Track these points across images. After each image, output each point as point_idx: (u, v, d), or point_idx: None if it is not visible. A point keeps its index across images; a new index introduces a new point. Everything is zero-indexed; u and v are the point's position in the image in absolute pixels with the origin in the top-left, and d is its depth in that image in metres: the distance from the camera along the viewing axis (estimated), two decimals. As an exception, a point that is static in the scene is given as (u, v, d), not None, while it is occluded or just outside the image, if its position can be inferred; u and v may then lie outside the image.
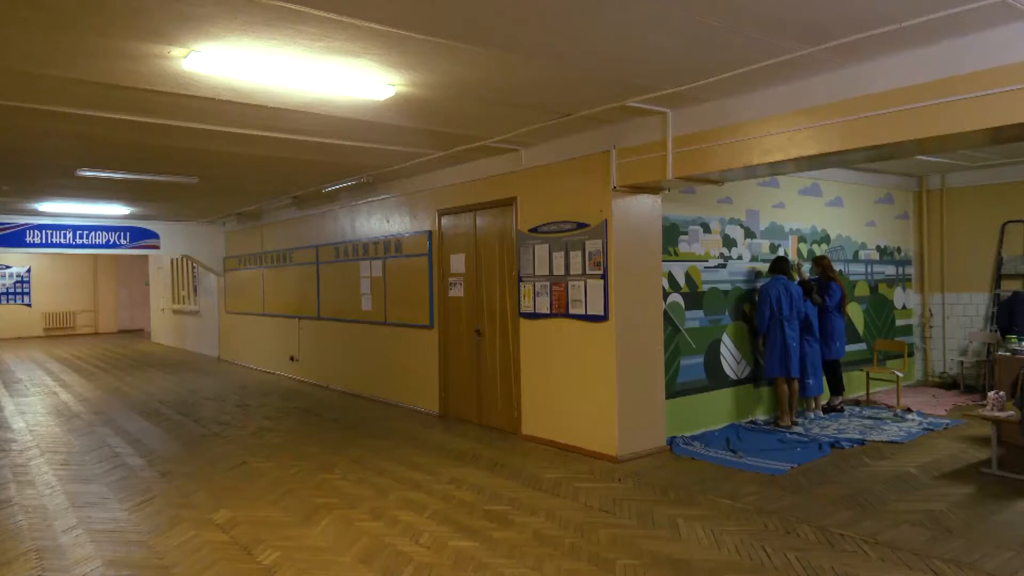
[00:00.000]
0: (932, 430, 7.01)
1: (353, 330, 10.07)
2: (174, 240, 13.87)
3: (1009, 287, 9.00)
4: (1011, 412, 5.44)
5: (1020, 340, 6.59)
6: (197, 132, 6.06)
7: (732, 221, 7.52)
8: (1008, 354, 6.50)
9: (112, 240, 13.20)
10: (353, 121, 5.81)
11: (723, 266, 7.38)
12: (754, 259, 7.72)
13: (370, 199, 9.58)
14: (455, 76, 4.65)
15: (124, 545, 4.41)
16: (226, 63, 4.19)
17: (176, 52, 4.07)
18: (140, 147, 6.65)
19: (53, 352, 16.97)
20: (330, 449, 6.80)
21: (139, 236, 13.46)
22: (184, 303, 17.40)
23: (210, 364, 14.13)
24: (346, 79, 4.61)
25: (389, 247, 9.20)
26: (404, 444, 6.96)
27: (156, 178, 8.30)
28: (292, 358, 11.81)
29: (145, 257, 20.27)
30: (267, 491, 5.49)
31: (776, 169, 5.65)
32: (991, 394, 5.69)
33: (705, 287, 7.19)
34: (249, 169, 8.03)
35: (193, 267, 16.36)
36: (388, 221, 9.29)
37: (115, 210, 11.75)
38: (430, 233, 8.44)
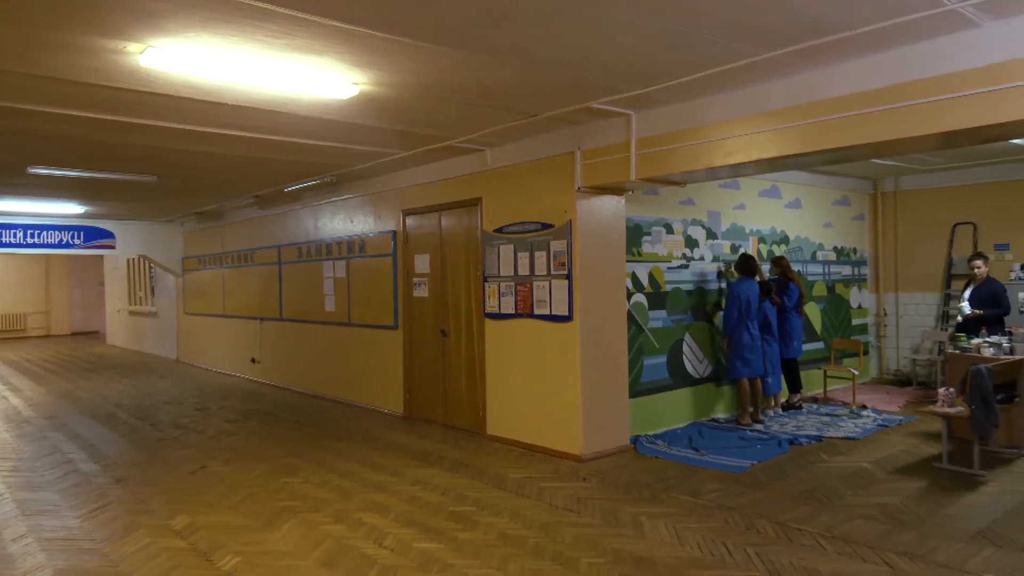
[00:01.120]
0: (886, 426, 7.20)
1: (316, 331, 9.95)
2: (130, 240, 13.54)
3: (959, 288, 9.29)
4: (961, 408, 5.61)
5: (969, 339, 6.81)
6: (155, 129, 5.92)
7: (694, 222, 7.62)
8: (958, 352, 6.72)
9: (65, 240, 12.82)
10: (316, 120, 5.74)
11: (685, 266, 7.48)
12: (715, 259, 7.84)
13: (334, 199, 9.48)
14: (420, 76, 4.63)
15: (76, 554, 4.29)
16: (185, 59, 4.11)
17: (132, 48, 3.97)
18: (95, 144, 6.47)
19: (2, 355, 16.41)
20: (292, 452, 6.71)
21: (94, 235, 13.10)
22: (141, 304, 17.00)
23: (168, 366, 13.83)
24: (309, 77, 4.55)
25: (353, 247, 9.12)
26: (368, 446, 6.90)
27: (112, 176, 8.08)
28: (253, 360, 11.62)
29: (100, 257, 19.72)
30: (227, 495, 5.39)
31: (737, 171, 5.75)
32: (942, 391, 5.86)
33: (668, 287, 7.28)
34: (209, 168, 7.88)
35: (150, 267, 16.00)
36: (352, 221, 9.20)
37: (68, 209, 11.41)
38: (395, 233, 8.39)
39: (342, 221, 9.41)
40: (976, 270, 7.51)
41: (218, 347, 12.89)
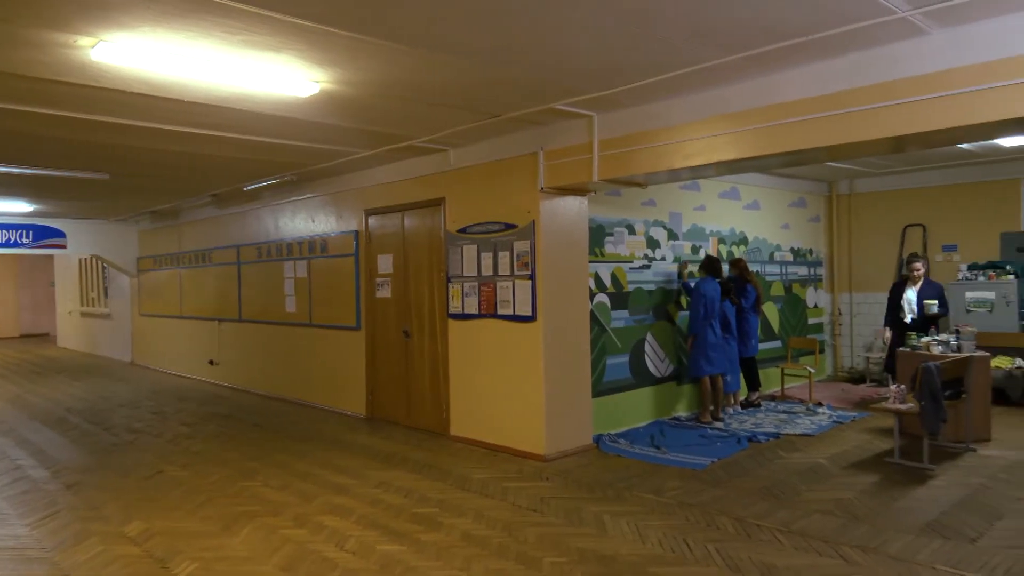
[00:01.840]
0: (841, 423, 7.38)
1: (276, 332, 9.79)
2: (82, 239, 13.16)
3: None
4: (911, 404, 5.78)
5: (919, 337, 7.02)
6: (107, 126, 5.76)
7: (656, 223, 7.71)
8: (908, 350, 6.92)
9: (13, 239, 12.39)
10: (276, 118, 5.65)
11: (647, 267, 7.57)
12: (676, 260, 7.94)
13: (294, 198, 9.35)
14: (382, 74, 4.59)
15: (24, 563, 4.15)
16: (138, 54, 4.01)
17: (83, 41, 3.86)
18: (44, 141, 6.27)
19: (-54, 358, 15.80)
20: (252, 455, 6.59)
21: (43, 235, 12.69)
22: (94, 305, 16.54)
23: (122, 369, 13.47)
24: (268, 74, 4.48)
25: (314, 247, 9.00)
26: (329, 448, 6.82)
27: (63, 174, 7.84)
28: (211, 362, 11.38)
29: (50, 257, 19.13)
30: (184, 500, 5.28)
31: (697, 173, 5.84)
32: (893, 388, 6.03)
33: (630, 287, 7.35)
34: (165, 165, 7.69)
35: (104, 267, 15.57)
36: (313, 221, 9.09)
37: (16, 207, 11.02)
38: (357, 233, 8.31)
39: (303, 221, 9.28)
40: (915, 272, 7.75)
41: (175, 349, 12.60)
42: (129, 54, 3.99)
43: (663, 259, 7.78)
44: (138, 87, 4.72)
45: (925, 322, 7.52)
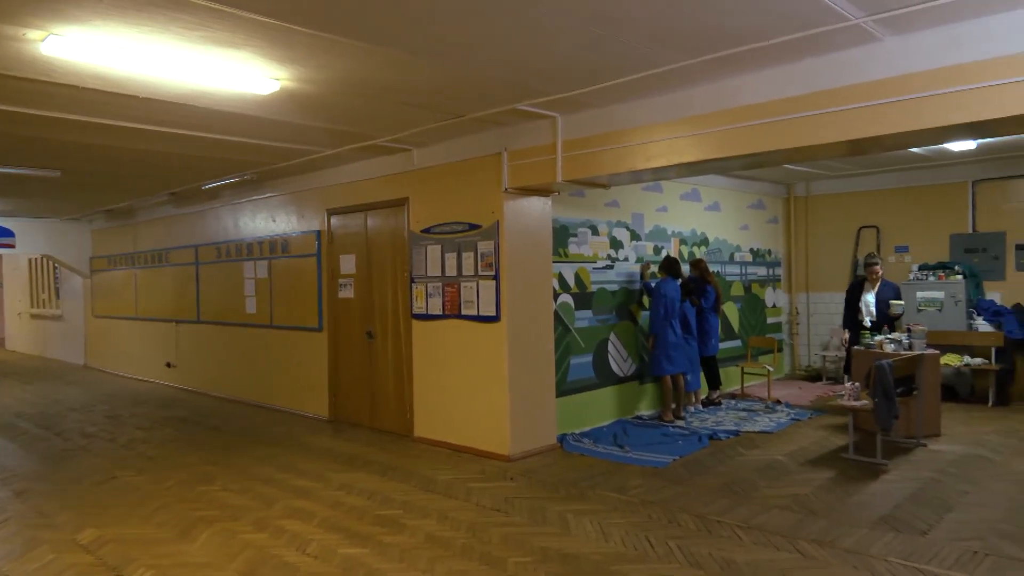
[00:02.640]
0: (799, 420, 7.54)
1: (236, 333, 9.62)
2: (33, 238, 12.74)
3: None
4: (865, 401, 5.94)
5: (873, 335, 7.21)
6: (58, 122, 5.59)
7: (619, 223, 7.78)
8: (862, 348, 7.11)
9: (-42, 238, 11.97)
10: (235, 115, 5.55)
11: (611, 267, 7.63)
12: (639, 260, 8.02)
13: (255, 197, 9.20)
14: (344, 72, 4.55)
15: (-29, 574, 4.01)
16: (91, 49, 3.90)
17: (32, 35, 3.74)
18: (-9, 136, 6.07)
19: None
20: (210, 459, 6.46)
21: (-9, 233, 12.28)
22: (44, 307, 16.05)
23: (75, 372, 13.08)
24: (227, 71, 4.40)
25: (275, 247, 8.87)
26: (291, 451, 6.72)
27: (11, 171, 7.58)
28: (168, 364, 11.13)
29: (-2, 256, 18.51)
30: (139, 506, 5.15)
31: (660, 174, 5.91)
32: (848, 385, 6.19)
33: (594, 287, 7.40)
34: (119, 163, 7.50)
35: (55, 268, 15.10)
36: (274, 220, 8.95)
37: (-39, 205, 10.65)
38: (319, 233, 8.21)
39: (264, 220, 9.14)
40: (875, 275, 7.95)
41: (130, 351, 12.29)
42: (81, 48, 3.88)
43: (626, 259, 7.85)
44: (92, 82, 4.59)
45: (883, 322, 7.72)
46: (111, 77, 4.49)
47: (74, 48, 3.87)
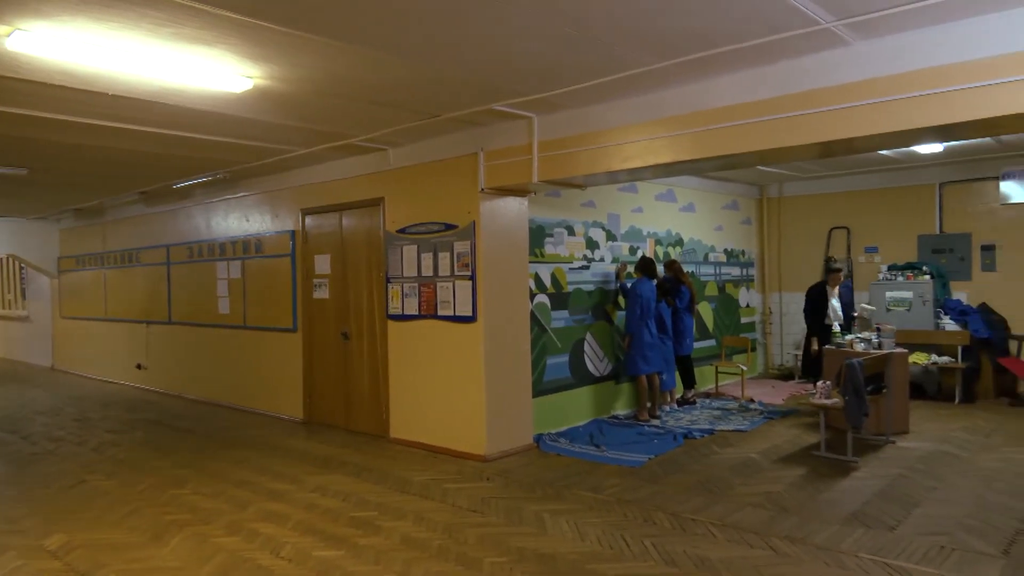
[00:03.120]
0: (771, 418, 7.64)
1: (209, 335, 9.49)
2: (-2, 238, 12.48)
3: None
4: (836, 400, 6.03)
5: (843, 335, 7.33)
6: (25, 119, 5.47)
7: (595, 224, 7.82)
8: (833, 347, 7.22)
9: (-81, 237, 11.66)
10: (207, 113, 5.48)
11: (587, 267, 7.66)
12: (615, 260, 8.07)
13: (228, 196, 9.09)
14: (319, 71, 4.51)
15: (-66, 582, 3.91)
16: (59, 45, 3.83)
17: (-3, 29, 3.66)
18: (-46, 133, 5.92)
19: None
20: (182, 462, 6.37)
21: (-46, 233, 11.98)
22: (10, 307, 15.68)
23: (42, 375, 12.81)
24: (199, 69, 4.34)
25: (249, 247, 8.77)
26: (265, 454, 6.65)
27: (-26, 168, 7.42)
28: (139, 366, 10.95)
29: (-38, 256, 18.04)
30: (109, 511, 5.06)
31: (635, 175, 5.94)
32: (819, 384, 6.28)
33: (570, 288, 7.43)
34: (88, 161, 7.36)
35: (21, 268, 14.77)
36: (248, 220, 8.85)
37: (-77, 203, 10.39)
38: (293, 233, 8.13)
39: (237, 220, 9.03)
40: (838, 281, 8.05)
41: (100, 353, 12.07)
42: (48, 44, 3.81)
43: (602, 260, 7.89)
44: (59, 79, 4.51)
45: (848, 321, 7.85)
46: (79, 74, 4.40)
47: (41, 44, 3.79)
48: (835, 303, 8.00)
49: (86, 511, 5.07)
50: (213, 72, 4.41)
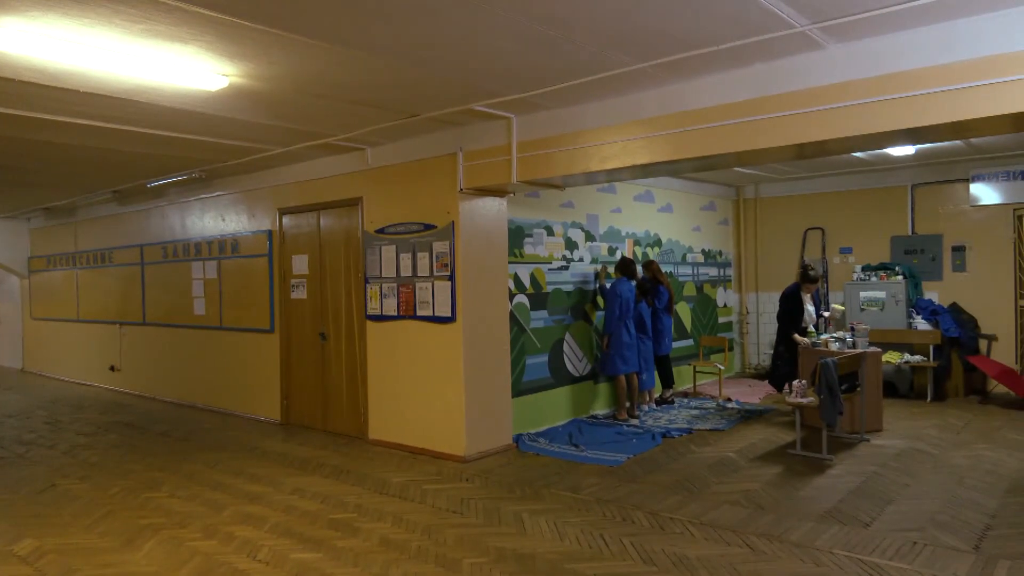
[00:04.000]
0: (748, 417, 7.72)
1: (184, 336, 9.37)
2: (-35, 237, 12.21)
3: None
4: (811, 399, 6.11)
5: (819, 335, 7.42)
6: (-7, 116, 5.37)
7: (574, 224, 7.84)
8: (809, 345, 7.30)
9: None
10: (182, 112, 5.41)
11: (566, 268, 7.68)
12: (594, 261, 8.10)
13: (203, 195, 8.97)
14: (295, 69, 4.47)
15: (-102, 590, 3.81)
16: (28, 41, 3.75)
17: (-36, 24, 3.58)
18: (-81, 130, 5.78)
19: None
20: (157, 465, 6.28)
21: (-81, 232, 11.70)
22: (-21, 309, 15.33)
23: (12, 377, 12.56)
24: (173, 66, 4.28)
25: (225, 247, 8.67)
26: (241, 455, 6.58)
27: (-59, 166, 7.25)
28: (112, 368, 10.78)
29: (-72, 256, 17.61)
30: (81, 515, 4.97)
31: (613, 176, 5.97)
32: (795, 383, 6.35)
33: (549, 288, 7.44)
34: (59, 160, 7.22)
35: (-10, 268, 14.47)
36: (224, 219, 8.75)
37: None
38: (270, 233, 8.05)
39: (213, 219, 8.92)
40: (812, 291, 8.09)
41: (72, 355, 11.86)
42: (17, 40, 3.73)
43: (581, 260, 7.91)
44: (29, 75, 4.42)
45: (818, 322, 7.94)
46: (50, 70, 4.32)
47: (9, 40, 3.72)
48: (810, 308, 8.09)
49: (57, 515, 4.98)
50: (188, 70, 4.36)
